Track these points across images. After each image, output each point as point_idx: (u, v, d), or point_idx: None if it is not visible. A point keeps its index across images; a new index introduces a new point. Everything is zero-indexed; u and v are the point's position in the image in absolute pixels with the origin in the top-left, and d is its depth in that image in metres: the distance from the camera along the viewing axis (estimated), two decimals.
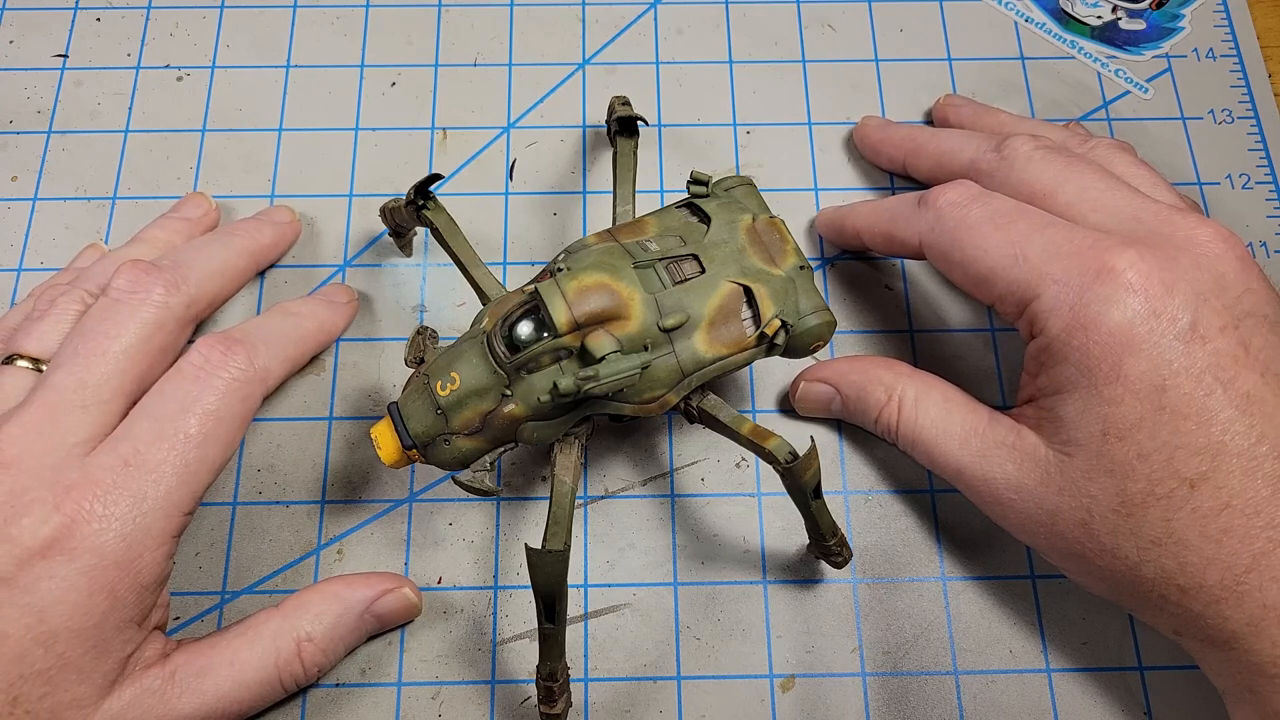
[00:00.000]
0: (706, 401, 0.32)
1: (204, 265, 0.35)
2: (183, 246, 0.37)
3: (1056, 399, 0.30)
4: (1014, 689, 0.34)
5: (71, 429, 0.29)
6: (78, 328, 0.32)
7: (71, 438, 0.29)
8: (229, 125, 0.42)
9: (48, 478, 0.28)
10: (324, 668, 0.32)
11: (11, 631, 0.27)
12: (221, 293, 0.37)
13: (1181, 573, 0.28)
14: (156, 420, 0.30)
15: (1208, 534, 0.27)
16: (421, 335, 0.32)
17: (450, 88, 0.43)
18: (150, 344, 0.32)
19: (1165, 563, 0.28)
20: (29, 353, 0.32)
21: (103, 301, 0.32)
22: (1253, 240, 0.40)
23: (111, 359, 0.31)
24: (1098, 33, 0.44)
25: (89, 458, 0.29)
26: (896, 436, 0.34)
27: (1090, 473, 0.29)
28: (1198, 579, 0.27)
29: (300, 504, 0.36)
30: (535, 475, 0.37)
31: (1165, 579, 0.28)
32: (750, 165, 0.42)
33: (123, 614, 0.29)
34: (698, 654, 0.34)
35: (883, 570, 0.36)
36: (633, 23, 0.44)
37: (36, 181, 0.41)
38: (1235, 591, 0.27)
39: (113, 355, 0.31)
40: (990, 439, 0.31)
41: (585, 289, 0.30)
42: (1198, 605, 0.28)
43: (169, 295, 0.33)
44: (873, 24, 0.45)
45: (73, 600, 0.27)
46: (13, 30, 0.44)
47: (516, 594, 0.35)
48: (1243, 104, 0.43)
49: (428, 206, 0.35)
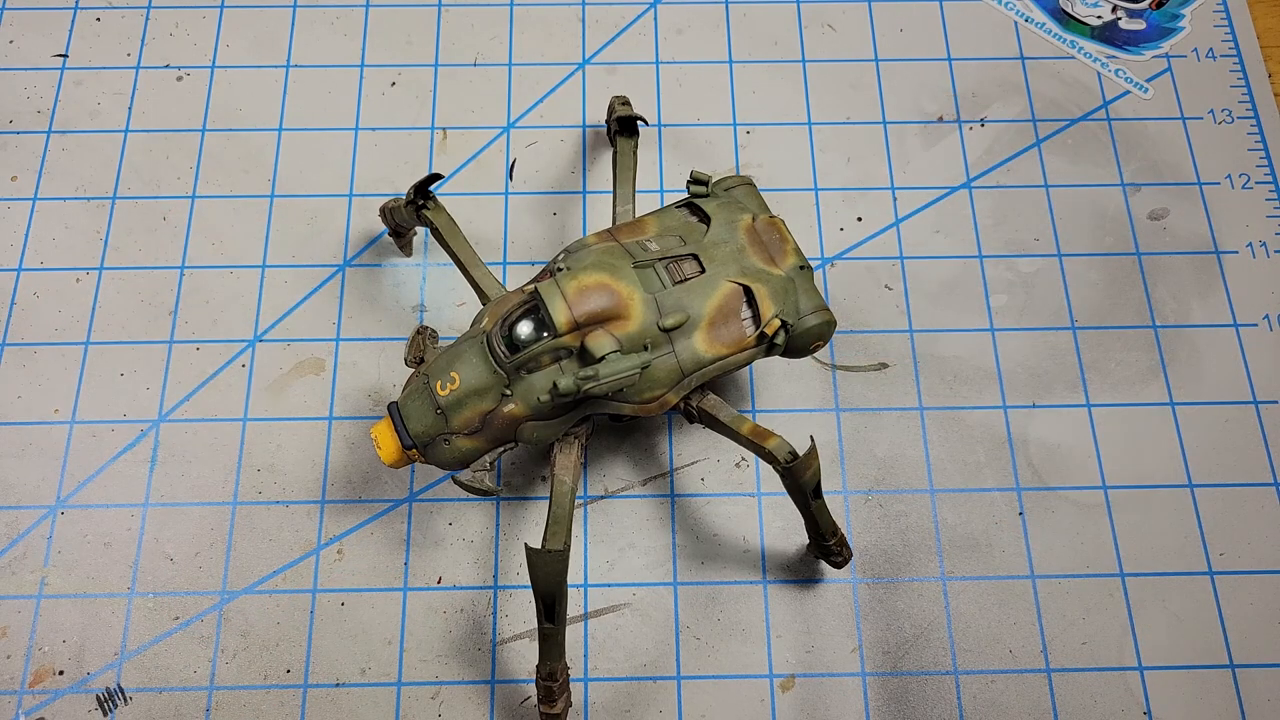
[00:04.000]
0: (706, 401, 0.32)
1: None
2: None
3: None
4: (1014, 689, 0.34)
5: None
6: None
7: None
8: (229, 125, 0.42)
9: None
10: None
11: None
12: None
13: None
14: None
15: None
16: (421, 335, 0.32)
17: (450, 88, 0.43)
18: None
19: None
20: None
21: None
22: (1252, 240, 0.40)
23: None
24: (1098, 33, 0.44)
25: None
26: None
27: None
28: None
29: (300, 504, 0.36)
30: (535, 475, 0.37)
31: None
32: (750, 165, 0.42)
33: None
34: (698, 654, 0.34)
35: (883, 570, 0.36)
36: (633, 23, 0.44)
37: (36, 181, 0.41)
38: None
39: None
40: None
41: (585, 289, 0.30)
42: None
43: None
44: (873, 24, 0.45)
45: None
46: (13, 30, 0.44)
47: (516, 594, 0.35)
48: (1243, 104, 0.43)
49: (428, 206, 0.35)
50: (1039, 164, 0.42)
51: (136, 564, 0.35)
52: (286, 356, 0.38)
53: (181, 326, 0.39)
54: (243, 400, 0.38)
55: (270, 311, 0.39)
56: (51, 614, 0.35)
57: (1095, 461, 0.37)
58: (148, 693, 0.34)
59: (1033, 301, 0.40)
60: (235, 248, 0.40)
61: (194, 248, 0.40)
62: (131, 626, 0.34)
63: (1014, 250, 0.40)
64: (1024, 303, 0.39)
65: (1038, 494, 0.37)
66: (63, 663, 0.34)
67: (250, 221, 0.40)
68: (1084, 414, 0.38)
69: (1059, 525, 0.36)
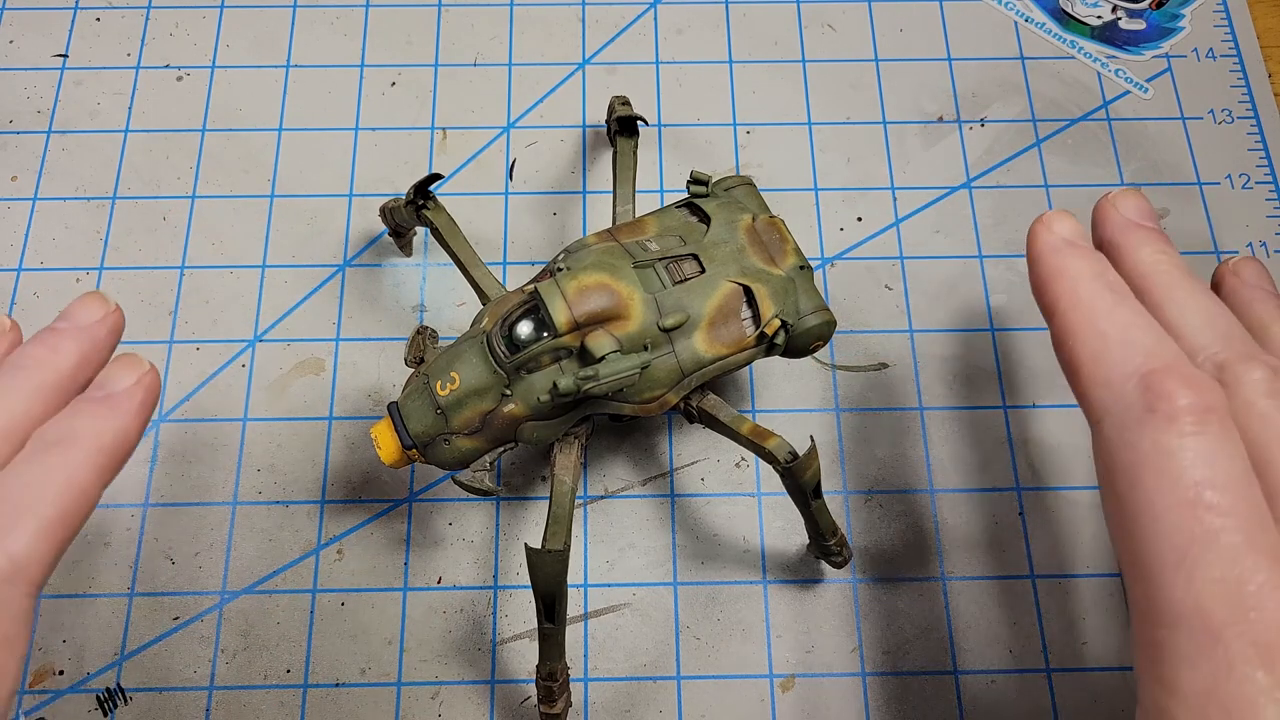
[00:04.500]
0: (706, 401, 0.32)
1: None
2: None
3: None
4: (1014, 689, 0.34)
5: None
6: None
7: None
8: (229, 125, 0.42)
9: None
10: None
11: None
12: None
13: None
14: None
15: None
16: (421, 335, 0.32)
17: (450, 88, 0.43)
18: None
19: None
20: None
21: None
22: (1252, 240, 0.40)
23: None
24: (1098, 33, 0.44)
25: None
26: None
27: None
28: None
29: (300, 504, 0.36)
30: (535, 475, 0.37)
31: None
32: (750, 165, 0.42)
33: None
34: (698, 654, 0.34)
35: (883, 570, 0.36)
36: (633, 23, 0.44)
37: (36, 181, 0.41)
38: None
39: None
40: None
41: (585, 289, 0.30)
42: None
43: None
44: (873, 24, 0.45)
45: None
46: (13, 30, 0.44)
47: (516, 594, 0.35)
48: (1243, 104, 0.43)
49: (428, 206, 0.35)
50: (1039, 164, 0.42)
51: (136, 564, 0.35)
52: (286, 356, 0.38)
53: (181, 326, 0.39)
54: (243, 400, 0.38)
55: (270, 311, 0.39)
56: (51, 614, 0.35)
57: None
58: (148, 693, 0.34)
59: (1033, 301, 0.39)
60: (235, 248, 0.40)
61: (194, 248, 0.40)
62: (131, 626, 0.34)
63: (1014, 250, 0.40)
64: (1024, 303, 0.39)
65: (1038, 494, 0.37)
66: (63, 663, 0.34)
67: (250, 221, 0.40)
68: None
69: (1059, 525, 0.36)
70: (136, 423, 0.25)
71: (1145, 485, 0.22)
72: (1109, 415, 0.23)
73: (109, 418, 0.24)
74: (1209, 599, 0.20)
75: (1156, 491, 0.21)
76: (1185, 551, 0.21)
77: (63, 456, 0.23)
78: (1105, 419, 0.23)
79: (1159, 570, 0.21)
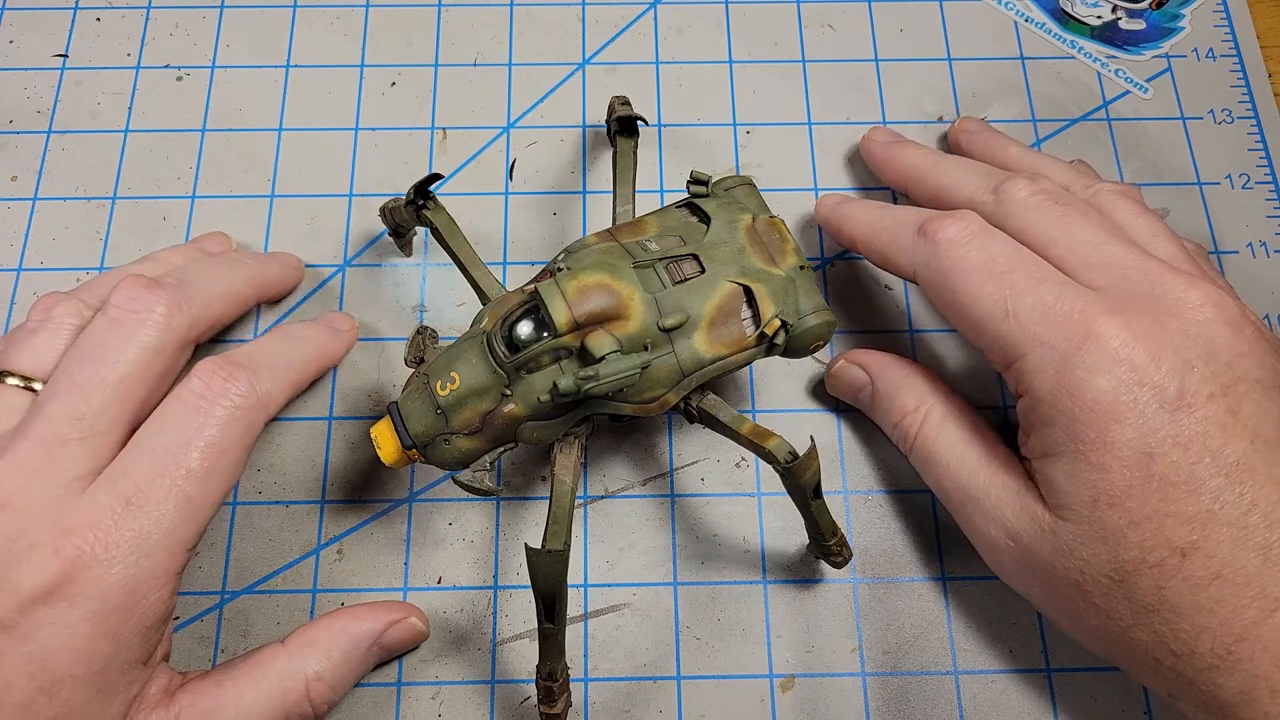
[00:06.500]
0: (706, 401, 0.32)
1: (210, 287, 0.34)
2: (187, 266, 0.35)
3: (1047, 461, 0.29)
4: (1014, 689, 0.34)
5: (68, 464, 0.28)
6: (73, 351, 0.30)
7: (68, 473, 0.28)
8: (229, 125, 0.42)
9: (46, 518, 0.27)
10: (332, 703, 0.32)
11: (15, 680, 0.26)
12: (224, 317, 0.35)
13: (1174, 639, 0.27)
14: (157, 454, 0.29)
15: (1199, 603, 0.27)
16: (421, 335, 0.32)
17: (450, 88, 0.43)
18: (149, 370, 0.30)
19: (1158, 628, 0.28)
20: (20, 370, 0.31)
21: (100, 320, 0.31)
22: (1252, 240, 0.40)
23: (109, 387, 0.29)
24: (1098, 33, 0.44)
25: (88, 495, 0.28)
26: (910, 448, 0.34)
27: (1083, 538, 0.28)
28: (1189, 646, 0.27)
29: (300, 504, 0.36)
30: (535, 475, 0.37)
31: (1158, 644, 0.28)
32: (750, 165, 0.42)
33: (127, 656, 0.28)
34: (698, 654, 0.34)
35: (883, 570, 0.36)
36: (633, 23, 0.44)
37: (36, 181, 0.41)
38: (1227, 660, 0.27)
39: (110, 383, 0.29)
40: (998, 482, 0.31)
41: (585, 289, 0.30)
42: (1190, 671, 0.27)
43: (171, 315, 0.31)
44: (873, 24, 0.45)
45: (76, 646, 0.27)
46: (13, 30, 0.44)
47: (516, 594, 0.35)
48: (1243, 104, 0.43)
49: (428, 206, 0.35)
50: None
51: None
52: None
53: None
54: None
55: (270, 312, 0.39)
56: None
57: None
58: None
59: None
60: None
61: None
62: None
63: None
64: None
65: None
66: None
67: (250, 221, 0.40)
68: None
69: None
70: (342, 351, 0.37)
71: (958, 288, 0.31)
72: (915, 269, 0.33)
73: (331, 337, 0.37)
74: (1032, 324, 0.29)
75: (966, 286, 0.31)
76: (1004, 306, 0.30)
77: (300, 345, 0.35)
78: (916, 272, 0.33)
79: (997, 329, 0.30)
